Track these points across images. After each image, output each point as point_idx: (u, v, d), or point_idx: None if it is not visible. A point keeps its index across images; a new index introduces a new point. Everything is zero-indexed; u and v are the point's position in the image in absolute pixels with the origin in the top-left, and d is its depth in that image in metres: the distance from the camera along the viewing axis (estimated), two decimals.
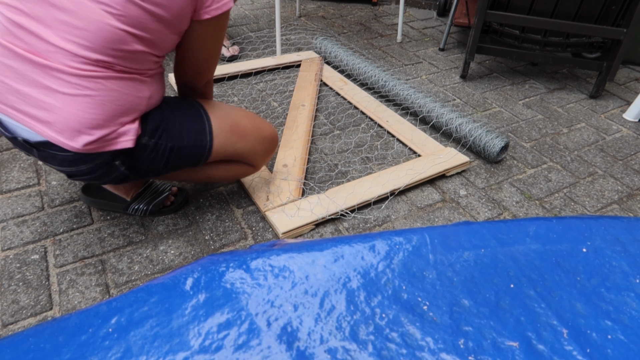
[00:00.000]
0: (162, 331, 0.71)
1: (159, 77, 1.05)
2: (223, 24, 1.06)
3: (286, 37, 2.43)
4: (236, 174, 1.27)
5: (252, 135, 1.18)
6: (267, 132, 1.21)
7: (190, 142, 1.07)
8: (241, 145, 1.16)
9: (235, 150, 1.16)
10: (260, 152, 1.22)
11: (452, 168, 1.46)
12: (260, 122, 1.21)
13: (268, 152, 1.24)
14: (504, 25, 1.96)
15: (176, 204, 1.29)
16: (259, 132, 1.19)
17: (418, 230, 0.89)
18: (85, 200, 1.28)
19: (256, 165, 1.25)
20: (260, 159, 1.24)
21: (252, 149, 1.19)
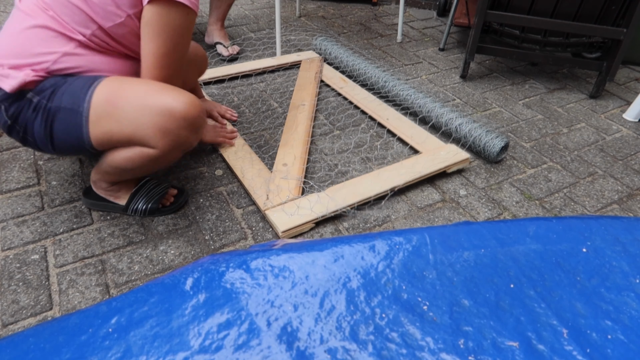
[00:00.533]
0: (162, 331, 0.71)
1: (100, 55, 1.06)
2: (171, 19, 1.02)
3: (286, 37, 2.43)
4: (136, 157, 1.05)
5: (133, 105, 0.99)
6: (161, 103, 0.99)
7: (67, 104, 1.00)
8: (122, 117, 0.99)
9: (119, 125, 1.00)
10: (149, 128, 0.99)
11: (453, 165, 1.46)
12: (156, 91, 1.01)
13: (163, 128, 0.99)
14: (504, 25, 1.96)
15: (176, 205, 1.29)
16: (145, 102, 0.99)
17: (418, 230, 0.89)
18: (86, 202, 1.28)
19: (152, 145, 1.02)
20: (153, 136, 1.00)
21: (137, 124, 0.99)
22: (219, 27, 2.20)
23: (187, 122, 1.01)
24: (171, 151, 1.05)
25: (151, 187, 1.27)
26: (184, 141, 1.04)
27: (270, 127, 1.68)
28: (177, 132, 1.01)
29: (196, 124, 1.03)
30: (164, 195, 1.27)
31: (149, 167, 1.11)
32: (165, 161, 1.10)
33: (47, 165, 1.44)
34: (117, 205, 1.25)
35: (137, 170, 1.11)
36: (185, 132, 1.02)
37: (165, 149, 1.03)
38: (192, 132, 1.04)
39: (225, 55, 2.15)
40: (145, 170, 1.14)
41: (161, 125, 0.99)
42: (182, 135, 1.02)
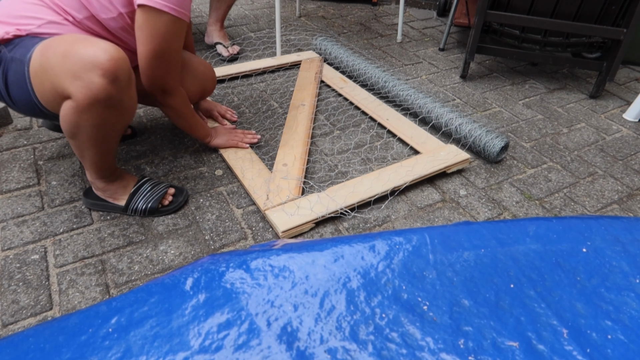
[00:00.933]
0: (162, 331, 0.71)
1: (86, 34, 1.10)
2: (159, 26, 1.09)
3: (286, 37, 2.43)
4: (65, 114, 1.03)
5: (56, 54, 0.97)
6: (78, 50, 0.96)
7: (18, 55, 1.03)
8: (47, 66, 0.98)
9: (46, 75, 1.00)
10: (63, 73, 0.96)
11: (453, 165, 1.46)
12: (80, 41, 0.98)
13: (74, 73, 0.95)
14: (504, 25, 1.96)
15: (176, 205, 1.29)
16: (66, 49, 0.97)
17: (418, 230, 0.89)
18: (86, 203, 1.28)
19: (68, 93, 0.98)
20: (67, 82, 0.97)
21: (56, 71, 0.97)
22: (219, 28, 2.20)
23: (101, 69, 0.95)
24: (89, 102, 0.98)
25: (150, 187, 1.27)
26: (100, 90, 0.96)
27: (271, 127, 1.68)
28: (89, 77, 0.95)
29: (112, 73, 0.96)
30: (163, 195, 1.27)
31: (82, 127, 1.04)
32: (92, 119, 1.02)
33: (47, 165, 1.44)
34: (117, 206, 1.26)
35: (80, 136, 1.07)
36: (98, 80, 0.95)
37: (80, 97, 0.97)
38: (109, 82, 0.97)
39: (225, 56, 2.15)
40: (88, 138, 1.07)
41: (74, 70, 0.95)
42: (95, 82, 0.95)
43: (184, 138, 1.60)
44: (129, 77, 1.03)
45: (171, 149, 1.55)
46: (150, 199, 1.25)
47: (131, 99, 1.07)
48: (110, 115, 1.04)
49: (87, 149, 1.12)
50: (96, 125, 1.04)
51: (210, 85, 1.53)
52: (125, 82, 1.01)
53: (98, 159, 1.16)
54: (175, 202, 1.29)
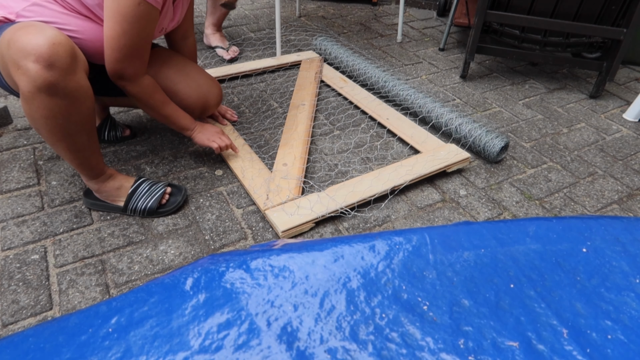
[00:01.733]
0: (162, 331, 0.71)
1: (70, 16, 1.09)
2: (121, 6, 1.06)
3: (286, 37, 2.43)
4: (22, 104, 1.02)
5: (4, 41, 0.96)
6: (18, 37, 0.94)
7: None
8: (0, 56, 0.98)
9: (3, 66, 1.00)
10: (8, 63, 0.96)
11: (453, 164, 1.46)
12: (24, 27, 0.96)
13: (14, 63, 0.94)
14: (504, 25, 1.96)
15: (175, 205, 1.29)
16: (10, 37, 0.95)
17: (418, 230, 0.89)
18: (86, 202, 1.28)
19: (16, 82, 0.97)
20: (12, 72, 0.96)
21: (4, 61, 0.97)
22: (213, 31, 2.21)
23: (34, 55, 0.92)
24: (30, 90, 0.96)
25: (147, 187, 1.26)
26: (36, 77, 0.94)
27: (270, 127, 1.68)
28: (25, 65, 0.93)
29: (47, 59, 0.93)
30: (162, 195, 1.26)
31: (36, 120, 1.02)
32: (42, 109, 1.00)
33: (47, 165, 1.44)
34: (116, 207, 1.26)
35: (40, 130, 1.05)
36: (33, 66, 0.92)
37: (21, 87, 0.96)
38: (44, 68, 0.93)
39: (227, 59, 2.14)
40: (47, 131, 1.05)
41: (14, 59, 0.93)
42: (31, 69, 0.92)
43: (184, 138, 1.60)
44: (70, 62, 0.98)
45: (171, 149, 1.55)
46: (148, 199, 1.25)
47: (79, 86, 1.02)
48: (56, 104, 1.00)
49: (54, 144, 1.09)
50: (47, 116, 1.01)
51: (213, 99, 1.47)
52: (65, 67, 0.97)
53: (73, 156, 1.12)
54: (174, 201, 1.29)
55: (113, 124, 1.54)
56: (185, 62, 1.42)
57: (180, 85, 1.38)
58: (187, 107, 1.40)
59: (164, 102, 1.30)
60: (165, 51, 1.42)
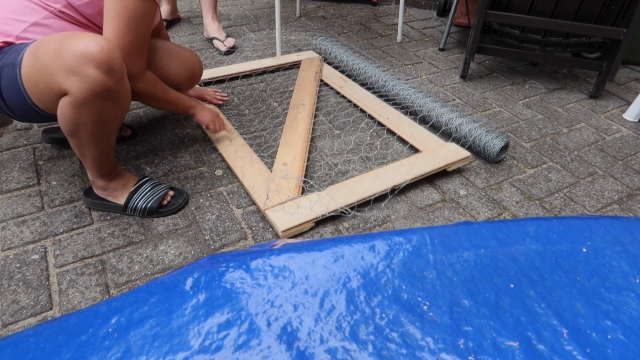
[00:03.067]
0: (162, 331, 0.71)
1: (71, 25, 1.11)
2: (125, 4, 1.06)
3: (286, 37, 2.43)
4: (62, 111, 1.03)
5: (47, 51, 0.98)
6: (70, 45, 0.96)
7: (9, 59, 1.03)
8: (40, 65, 0.99)
9: (39, 74, 1.01)
10: (58, 70, 0.97)
11: (454, 163, 1.46)
12: (69, 37, 0.97)
13: (69, 68, 0.95)
14: (504, 25, 1.96)
15: (175, 206, 1.29)
16: (57, 46, 0.97)
17: (418, 230, 0.89)
18: (86, 202, 1.28)
19: (65, 88, 0.98)
20: (62, 78, 0.97)
21: (49, 68, 0.98)
22: (211, 20, 2.23)
23: (94, 61, 0.95)
24: (87, 95, 0.98)
25: (150, 187, 1.27)
26: (96, 82, 0.97)
27: (270, 126, 1.68)
28: (84, 71, 0.95)
29: (106, 64, 0.97)
30: (163, 196, 1.27)
31: (82, 123, 1.04)
32: (91, 113, 1.03)
33: (47, 165, 1.44)
34: (117, 205, 1.26)
35: (80, 133, 1.07)
36: (93, 72, 0.96)
37: (77, 92, 0.97)
38: (104, 73, 0.98)
39: (223, 50, 2.16)
40: (88, 134, 1.08)
41: (68, 65, 0.95)
42: (91, 74, 0.96)
43: (184, 138, 1.60)
44: (123, 67, 1.03)
45: (171, 149, 1.55)
46: (150, 198, 1.25)
47: (127, 89, 1.07)
48: (108, 107, 1.04)
49: (88, 146, 1.12)
50: (96, 120, 1.05)
51: (198, 69, 1.51)
52: (120, 72, 1.02)
53: (99, 156, 1.16)
54: (174, 203, 1.29)
55: None
56: (162, 43, 1.42)
57: (169, 67, 1.39)
58: (178, 84, 1.43)
59: (165, 90, 1.31)
60: None
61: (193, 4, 2.85)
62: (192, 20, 2.61)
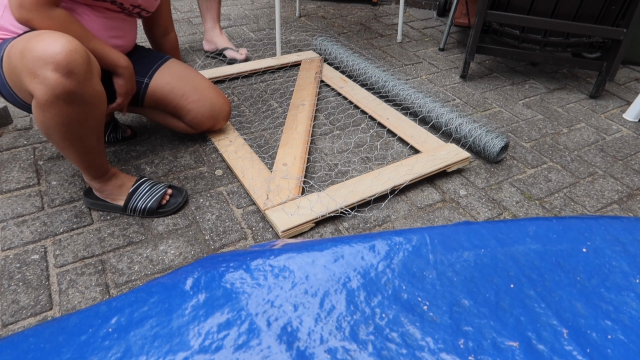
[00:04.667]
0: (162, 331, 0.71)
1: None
2: None
3: (286, 37, 2.43)
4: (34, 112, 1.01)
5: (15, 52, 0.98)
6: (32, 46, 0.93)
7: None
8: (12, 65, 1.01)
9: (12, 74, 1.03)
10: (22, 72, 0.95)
11: (453, 164, 1.46)
12: (36, 36, 0.95)
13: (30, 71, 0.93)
14: (504, 25, 1.96)
15: (175, 206, 1.29)
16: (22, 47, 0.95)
17: (418, 230, 0.89)
18: (86, 202, 1.28)
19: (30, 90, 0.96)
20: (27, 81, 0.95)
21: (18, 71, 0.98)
22: (219, 32, 2.16)
23: (52, 63, 0.91)
24: (48, 99, 0.95)
25: (148, 187, 1.26)
26: (55, 85, 0.93)
27: (270, 127, 1.68)
28: (43, 74, 0.92)
29: (65, 66, 0.92)
30: (162, 195, 1.26)
31: (50, 127, 1.01)
32: (57, 116, 0.99)
33: (47, 165, 1.44)
34: (116, 206, 1.26)
35: (53, 136, 1.04)
36: (52, 75, 0.92)
37: (38, 94, 0.94)
38: (64, 76, 0.93)
39: (240, 59, 2.11)
40: (60, 137, 1.04)
41: (29, 67, 0.92)
42: (50, 77, 0.92)
43: (184, 138, 1.60)
44: (87, 69, 0.97)
45: (171, 149, 1.55)
46: (149, 199, 1.25)
47: (94, 91, 1.02)
48: (73, 111, 1.00)
49: (65, 149, 1.09)
50: (63, 123, 1.00)
51: (223, 119, 1.51)
52: (83, 74, 0.96)
53: (81, 159, 1.12)
54: (174, 202, 1.29)
55: (115, 126, 1.54)
56: (199, 79, 1.43)
57: (194, 105, 1.41)
58: (197, 125, 1.46)
59: (86, 37, 1.11)
60: (179, 65, 1.43)
61: (193, 4, 2.85)
62: (192, 20, 2.61)
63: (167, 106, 1.40)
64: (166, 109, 1.42)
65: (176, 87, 1.38)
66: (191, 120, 1.44)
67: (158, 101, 1.39)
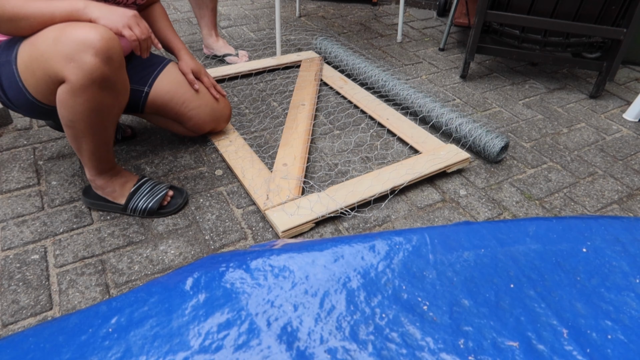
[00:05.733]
0: (162, 331, 0.71)
1: None
2: None
3: (286, 37, 2.43)
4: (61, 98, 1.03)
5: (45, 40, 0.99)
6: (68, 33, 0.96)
7: (4, 58, 1.06)
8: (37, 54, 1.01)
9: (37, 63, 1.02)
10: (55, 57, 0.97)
11: (453, 164, 1.46)
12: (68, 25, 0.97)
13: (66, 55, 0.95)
14: (504, 25, 1.96)
15: (175, 207, 1.29)
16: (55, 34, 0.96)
17: (418, 230, 0.89)
18: (85, 202, 1.28)
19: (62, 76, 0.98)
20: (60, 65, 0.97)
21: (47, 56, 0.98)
22: (215, 39, 2.12)
23: (93, 48, 0.95)
24: (84, 82, 0.98)
25: (150, 187, 1.26)
26: (94, 69, 0.97)
27: (270, 126, 1.68)
28: (82, 58, 0.95)
29: (105, 52, 0.97)
30: (163, 196, 1.27)
31: (79, 112, 1.03)
32: (88, 102, 1.02)
33: (47, 165, 1.44)
34: (116, 205, 1.25)
35: (77, 123, 1.06)
36: (92, 59, 0.96)
37: (74, 79, 0.97)
38: (103, 61, 0.97)
39: (240, 62, 2.10)
40: (85, 124, 1.06)
41: (66, 51, 0.95)
42: (89, 61, 0.96)
43: (184, 138, 1.60)
44: (121, 57, 1.03)
45: (171, 149, 1.55)
46: (150, 199, 1.25)
47: (124, 80, 1.08)
48: (105, 97, 1.04)
49: (85, 137, 1.10)
50: (93, 109, 1.04)
51: (224, 122, 1.52)
52: (118, 62, 1.02)
53: (96, 150, 1.15)
54: (174, 203, 1.29)
55: (117, 126, 1.54)
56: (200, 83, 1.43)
57: (194, 112, 1.41)
58: (198, 130, 1.47)
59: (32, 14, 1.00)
60: (178, 71, 1.41)
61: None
62: (192, 20, 2.61)
63: (168, 114, 1.41)
64: (167, 116, 1.42)
65: (177, 95, 1.38)
66: (192, 127, 1.45)
67: (159, 109, 1.39)
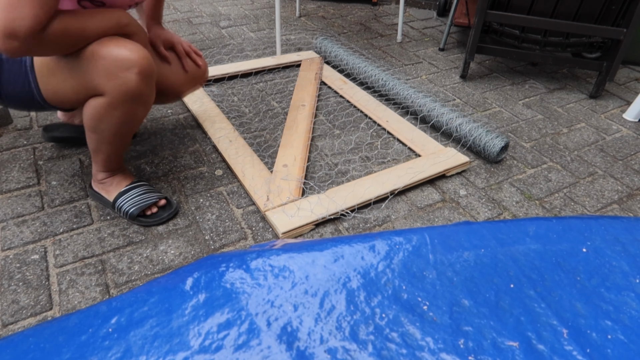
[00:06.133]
0: (162, 331, 0.71)
1: None
2: None
3: (286, 37, 2.43)
4: (94, 110, 1.08)
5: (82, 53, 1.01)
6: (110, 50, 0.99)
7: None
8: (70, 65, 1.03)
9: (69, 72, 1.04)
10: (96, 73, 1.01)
11: (452, 168, 1.46)
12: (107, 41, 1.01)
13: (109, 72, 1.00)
14: (504, 25, 1.96)
15: (158, 219, 1.25)
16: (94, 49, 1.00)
17: (418, 230, 0.89)
18: (89, 192, 1.29)
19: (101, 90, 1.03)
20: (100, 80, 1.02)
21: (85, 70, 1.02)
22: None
23: (137, 67, 1.02)
24: (124, 98, 1.04)
25: (141, 192, 1.25)
26: (135, 87, 1.03)
27: (270, 126, 1.68)
28: (126, 76, 1.01)
29: (146, 70, 1.04)
30: (149, 205, 1.24)
31: (110, 122, 1.10)
32: (123, 114, 1.08)
33: (47, 165, 1.44)
34: (107, 201, 1.26)
35: (104, 131, 1.12)
36: (135, 77, 1.02)
37: (115, 94, 1.03)
38: (143, 79, 1.04)
39: None
40: (112, 132, 1.12)
41: (109, 69, 1.01)
42: (132, 80, 1.02)
43: (184, 138, 1.60)
44: (155, 74, 1.10)
45: (171, 149, 1.55)
46: (135, 204, 1.22)
47: (153, 94, 1.13)
48: (139, 110, 1.11)
49: (107, 144, 1.16)
50: (125, 121, 1.11)
51: (201, 80, 1.44)
52: (153, 78, 1.09)
53: (113, 153, 1.20)
54: (160, 215, 1.25)
55: None
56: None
57: (173, 77, 1.33)
58: (178, 92, 1.37)
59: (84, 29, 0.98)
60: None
61: (193, 4, 2.85)
62: (192, 20, 2.61)
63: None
64: None
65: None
66: (173, 90, 1.35)
67: None
